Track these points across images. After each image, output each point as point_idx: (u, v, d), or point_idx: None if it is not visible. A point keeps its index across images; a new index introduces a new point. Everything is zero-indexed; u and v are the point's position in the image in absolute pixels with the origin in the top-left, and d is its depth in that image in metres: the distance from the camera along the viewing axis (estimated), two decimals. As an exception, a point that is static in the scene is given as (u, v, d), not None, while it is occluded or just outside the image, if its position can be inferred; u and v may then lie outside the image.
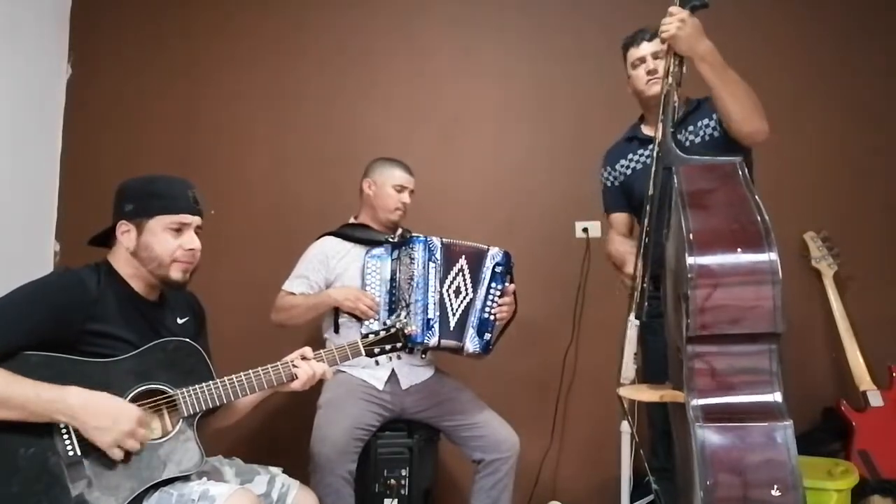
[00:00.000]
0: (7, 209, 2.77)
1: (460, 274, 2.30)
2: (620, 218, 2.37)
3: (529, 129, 3.07)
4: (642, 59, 2.19)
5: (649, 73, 2.16)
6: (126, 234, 1.68)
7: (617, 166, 2.32)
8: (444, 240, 2.32)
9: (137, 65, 3.14)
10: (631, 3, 2.93)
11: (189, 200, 1.71)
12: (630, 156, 2.30)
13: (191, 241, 1.69)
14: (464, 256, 2.32)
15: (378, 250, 2.36)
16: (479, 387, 2.49)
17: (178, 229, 1.68)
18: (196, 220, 1.72)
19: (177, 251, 1.67)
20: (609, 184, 2.37)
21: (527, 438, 2.39)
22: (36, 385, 1.46)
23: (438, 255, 2.29)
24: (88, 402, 1.49)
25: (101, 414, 1.49)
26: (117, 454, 1.50)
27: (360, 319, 2.30)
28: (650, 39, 2.18)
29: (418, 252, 2.28)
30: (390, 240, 2.36)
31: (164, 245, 1.66)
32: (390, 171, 2.50)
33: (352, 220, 2.54)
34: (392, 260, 2.32)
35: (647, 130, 2.27)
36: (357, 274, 2.36)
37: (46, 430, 1.49)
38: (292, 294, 2.39)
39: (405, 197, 2.49)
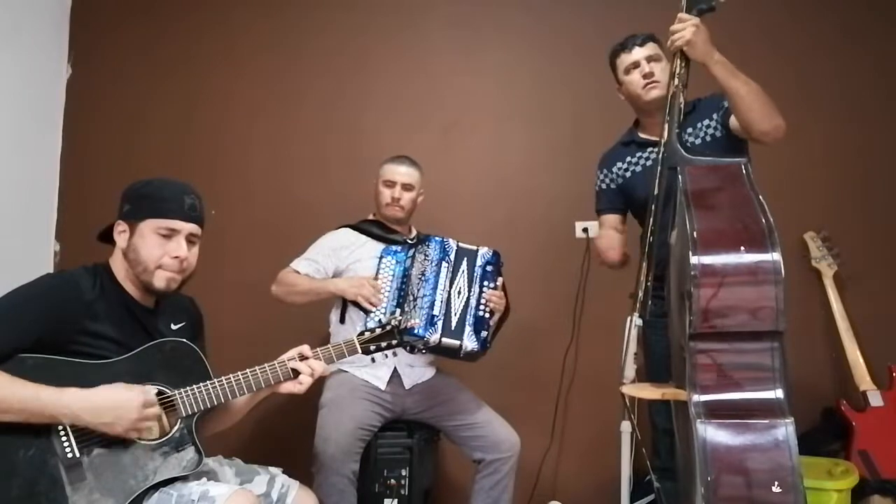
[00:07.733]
0: (7, 209, 2.76)
1: (463, 275, 2.32)
2: (612, 219, 2.35)
3: (529, 129, 3.07)
4: (636, 64, 2.17)
5: (646, 76, 2.14)
6: (122, 235, 1.67)
7: (614, 169, 2.31)
8: (459, 243, 2.36)
9: (137, 65, 3.14)
10: (630, 4, 2.94)
11: (183, 206, 1.65)
12: (628, 159, 2.28)
13: (177, 248, 1.63)
14: (465, 258, 2.34)
15: (396, 247, 2.36)
16: (479, 387, 2.49)
17: (168, 235, 1.63)
18: (189, 227, 1.66)
19: (163, 258, 1.62)
20: (605, 186, 2.35)
21: (527, 438, 2.39)
22: (35, 387, 1.45)
23: (452, 257, 2.32)
24: (89, 402, 1.48)
25: (104, 410, 1.49)
26: (134, 436, 1.53)
27: (366, 312, 2.29)
28: (642, 44, 2.16)
29: (433, 250, 2.31)
30: (409, 241, 2.38)
31: (150, 250, 1.62)
32: (383, 168, 2.52)
33: (370, 217, 2.55)
34: (407, 258, 2.32)
35: (644, 134, 2.26)
36: (371, 266, 2.35)
37: (45, 432, 1.48)
38: (297, 273, 2.39)
39: (396, 192, 2.45)
